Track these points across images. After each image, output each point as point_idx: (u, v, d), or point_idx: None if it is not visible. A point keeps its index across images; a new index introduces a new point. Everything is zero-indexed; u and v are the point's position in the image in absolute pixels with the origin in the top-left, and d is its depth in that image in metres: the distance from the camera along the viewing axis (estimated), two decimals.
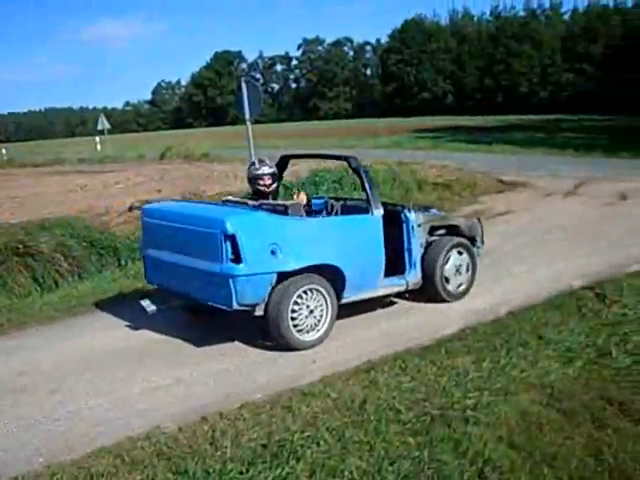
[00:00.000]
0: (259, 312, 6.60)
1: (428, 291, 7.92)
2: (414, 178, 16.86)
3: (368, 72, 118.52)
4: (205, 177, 20.50)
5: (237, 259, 6.33)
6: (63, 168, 29.99)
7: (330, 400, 5.31)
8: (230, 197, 8.39)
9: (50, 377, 6.35)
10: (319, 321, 6.83)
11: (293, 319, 6.61)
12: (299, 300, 6.65)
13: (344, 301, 7.13)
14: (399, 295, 7.88)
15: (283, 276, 6.56)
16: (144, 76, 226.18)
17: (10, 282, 9.79)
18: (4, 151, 43.14)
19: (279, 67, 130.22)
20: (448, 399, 5.19)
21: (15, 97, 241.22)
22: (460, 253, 8.09)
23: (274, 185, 7.66)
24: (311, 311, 6.75)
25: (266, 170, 7.54)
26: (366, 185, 7.39)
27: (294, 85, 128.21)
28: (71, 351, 7.09)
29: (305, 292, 6.69)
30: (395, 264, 7.61)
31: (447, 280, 7.95)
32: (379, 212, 7.34)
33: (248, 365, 6.39)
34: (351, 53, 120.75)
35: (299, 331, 6.68)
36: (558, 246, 10.55)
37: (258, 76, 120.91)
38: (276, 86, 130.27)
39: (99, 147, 42.53)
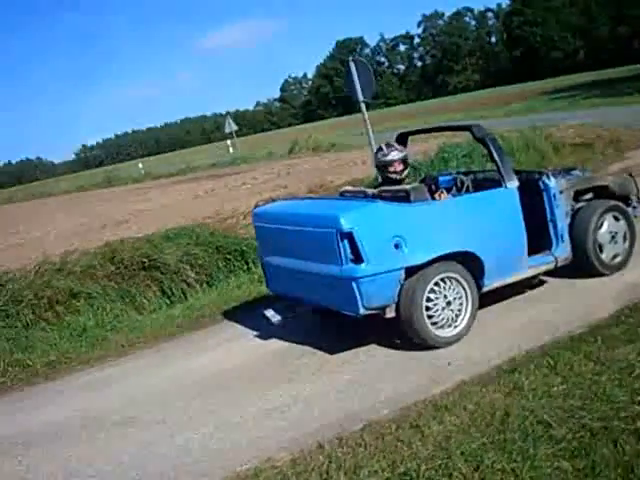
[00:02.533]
0: (390, 314, 5.87)
1: (579, 264, 6.92)
2: (550, 142, 15.70)
3: (493, 39, 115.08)
4: (332, 167, 20.11)
5: (358, 259, 5.62)
6: (195, 175, 30.50)
7: (466, 414, 4.44)
8: (348, 187, 7.71)
9: (161, 404, 5.87)
10: (457, 315, 6.02)
11: (428, 309, 5.83)
12: (435, 288, 5.87)
13: (486, 289, 6.29)
14: (546, 273, 6.89)
15: (412, 270, 5.80)
16: (272, 75, 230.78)
17: (139, 297, 9.56)
18: (140, 165, 44.69)
19: (402, 47, 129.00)
20: (611, 405, 4.17)
21: (151, 112, 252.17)
22: (617, 219, 7.04)
23: (406, 171, 6.87)
24: (448, 303, 5.95)
25: (395, 155, 6.75)
26: (494, 154, 6.51)
27: (419, 63, 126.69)
28: (186, 371, 6.61)
29: (441, 280, 5.91)
30: (539, 240, 6.69)
31: (601, 249, 6.92)
32: (513, 183, 6.44)
33: (374, 373, 5.65)
34: (473, 23, 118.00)
35: (434, 324, 5.89)
36: None
37: (383, 59, 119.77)
38: (402, 67, 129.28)
39: (231, 150, 43.26)
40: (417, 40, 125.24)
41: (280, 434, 4.84)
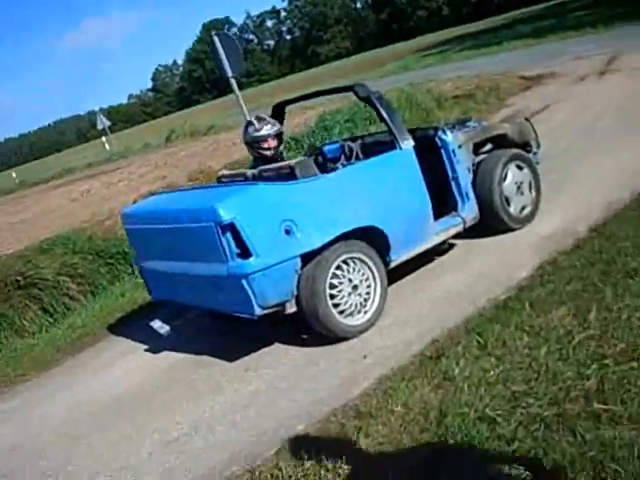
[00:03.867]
0: (291, 309, 5.12)
1: (487, 221, 6.37)
2: (432, 97, 15.31)
3: (358, 5, 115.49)
4: (211, 151, 19.26)
5: (245, 252, 4.83)
6: (72, 177, 29.12)
7: (395, 420, 3.76)
8: (225, 171, 6.88)
9: (44, 451, 4.96)
10: (366, 299, 5.34)
11: (333, 297, 5.11)
12: (338, 272, 5.16)
13: (394, 264, 5.63)
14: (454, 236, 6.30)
15: (309, 257, 5.09)
16: (141, 66, 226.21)
17: (18, 320, 8.58)
18: (14, 174, 42.49)
19: (269, 23, 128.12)
20: (559, 385, 3.56)
21: (24, 119, 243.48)
22: (520, 168, 6.52)
23: (281, 146, 6.15)
24: (354, 287, 5.25)
25: (269, 130, 5.97)
26: (383, 114, 5.83)
27: (288, 37, 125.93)
28: (70, 406, 5.69)
29: (343, 263, 5.20)
30: (443, 201, 6.11)
31: (508, 202, 6.40)
32: (409, 143, 5.80)
33: (282, 379, 4.91)
34: None
35: (342, 313, 5.18)
36: (616, 134, 8.76)
37: (251, 36, 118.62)
38: (271, 42, 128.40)
39: (107, 146, 41.70)
40: (284, 14, 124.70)
41: (181, 473, 4.05)
